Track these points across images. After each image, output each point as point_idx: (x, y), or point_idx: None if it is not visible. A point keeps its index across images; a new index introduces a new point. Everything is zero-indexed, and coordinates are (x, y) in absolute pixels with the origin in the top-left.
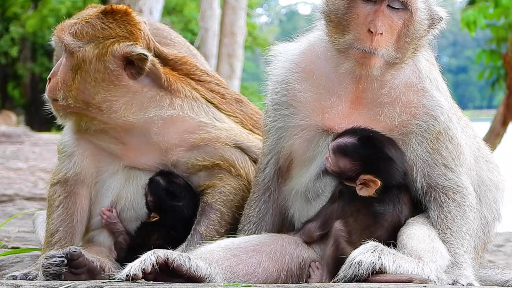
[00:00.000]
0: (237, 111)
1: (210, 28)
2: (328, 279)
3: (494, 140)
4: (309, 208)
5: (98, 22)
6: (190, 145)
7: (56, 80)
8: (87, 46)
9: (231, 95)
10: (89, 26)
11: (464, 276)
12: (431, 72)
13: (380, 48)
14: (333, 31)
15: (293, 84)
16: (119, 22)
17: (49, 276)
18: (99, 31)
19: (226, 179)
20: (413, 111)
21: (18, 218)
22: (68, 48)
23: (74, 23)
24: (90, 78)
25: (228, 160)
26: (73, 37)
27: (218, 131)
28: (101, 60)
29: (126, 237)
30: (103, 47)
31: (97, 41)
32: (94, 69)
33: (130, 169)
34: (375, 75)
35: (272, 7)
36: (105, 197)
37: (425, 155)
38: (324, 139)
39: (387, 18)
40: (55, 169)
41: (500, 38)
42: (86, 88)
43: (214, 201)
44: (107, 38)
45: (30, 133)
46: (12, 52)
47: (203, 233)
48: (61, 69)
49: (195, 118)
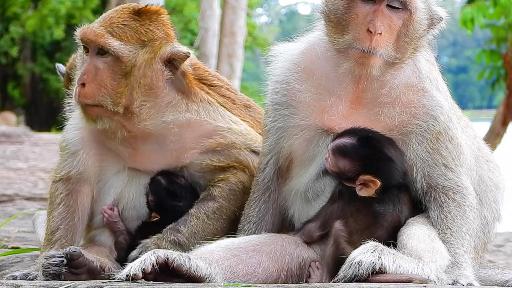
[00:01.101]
0: (247, 117)
1: (210, 28)
2: (328, 279)
3: (494, 140)
4: (309, 208)
5: (138, 25)
6: (205, 149)
7: (97, 85)
8: (137, 51)
9: (240, 100)
10: (132, 30)
11: (464, 276)
12: (431, 72)
13: (379, 48)
14: (333, 31)
15: (293, 84)
16: (156, 23)
17: (49, 276)
18: (143, 34)
19: (240, 175)
20: (413, 111)
21: (18, 218)
22: (116, 53)
23: (115, 26)
24: (137, 83)
25: (242, 162)
26: (120, 42)
27: (233, 135)
28: (149, 64)
29: (126, 236)
30: (152, 51)
31: (144, 45)
32: (142, 74)
33: (134, 170)
34: (375, 75)
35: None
36: (108, 196)
37: (425, 155)
38: (324, 139)
39: (386, 18)
40: (57, 166)
41: (500, 38)
42: (131, 93)
43: (219, 195)
44: (152, 41)
45: (30, 133)
46: (12, 52)
47: (192, 213)
48: (103, 74)
49: (211, 123)
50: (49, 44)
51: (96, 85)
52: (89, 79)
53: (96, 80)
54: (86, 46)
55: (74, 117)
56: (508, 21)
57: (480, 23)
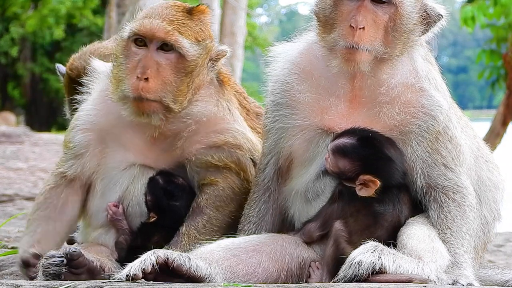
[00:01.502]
0: (258, 126)
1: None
2: (328, 279)
3: (494, 140)
4: (309, 208)
5: (193, 24)
6: (212, 144)
7: (161, 81)
8: (199, 50)
9: (253, 109)
10: (191, 29)
11: (464, 276)
12: (429, 72)
13: (362, 42)
14: (322, 30)
15: (292, 85)
16: (204, 23)
17: (49, 276)
18: (199, 34)
19: (231, 180)
20: (412, 111)
21: (18, 218)
22: (184, 52)
23: (178, 24)
24: (194, 82)
25: (241, 164)
26: (188, 41)
27: (244, 139)
28: (204, 63)
29: (127, 236)
30: (205, 51)
31: (199, 45)
32: (199, 73)
33: (141, 166)
34: (366, 71)
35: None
36: (113, 192)
37: (424, 155)
38: (323, 139)
39: (370, 13)
40: (58, 162)
41: (500, 38)
42: (189, 92)
43: (206, 205)
44: (204, 40)
45: (30, 133)
46: (12, 52)
47: (183, 232)
48: (167, 71)
49: (230, 122)
50: (49, 44)
51: (161, 81)
52: (152, 74)
53: (160, 76)
54: (145, 40)
55: (81, 116)
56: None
57: (481, 21)
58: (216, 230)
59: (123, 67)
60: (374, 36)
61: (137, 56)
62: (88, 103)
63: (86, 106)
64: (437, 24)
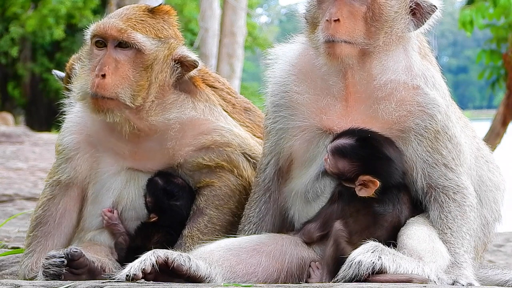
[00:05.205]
0: (246, 121)
1: (210, 28)
2: (328, 279)
3: (494, 140)
4: (309, 208)
5: (154, 22)
6: (200, 146)
7: (118, 77)
8: (157, 46)
9: (239, 103)
10: (150, 26)
11: (464, 276)
12: (427, 70)
13: (339, 35)
14: (310, 31)
15: (291, 86)
16: (168, 23)
17: (49, 276)
18: (159, 31)
19: (226, 178)
20: (408, 108)
21: (18, 218)
22: (139, 46)
23: (134, 21)
24: (154, 78)
25: (233, 162)
26: (142, 35)
27: (231, 136)
28: (166, 61)
29: (126, 237)
30: (169, 48)
31: (161, 42)
32: (160, 69)
33: (132, 170)
34: (354, 66)
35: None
36: (106, 198)
37: (425, 155)
38: (323, 139)
39: (346, 5)
40: (52, 169)
41: (500, 38)
42: (149, 88)
43: (206, 206)
44: (167, 38)
45: (30, 133)
46: (12, 52)
47: (186, 235)
48: (125, 67)
49: (213, 122)
50: (49, 44)
51: (118, 77)
52: (110, 71)
53: (118, 72)
54: (103, 40)
55: (69, 119)
56: (508, 21)
57: (479, 24)
58: (218, 229)
59: (86, 68)
60: (352, 28)
61: (98, 57)
62: (76, 106)
63: (74, 109)
64: (432, 16)
